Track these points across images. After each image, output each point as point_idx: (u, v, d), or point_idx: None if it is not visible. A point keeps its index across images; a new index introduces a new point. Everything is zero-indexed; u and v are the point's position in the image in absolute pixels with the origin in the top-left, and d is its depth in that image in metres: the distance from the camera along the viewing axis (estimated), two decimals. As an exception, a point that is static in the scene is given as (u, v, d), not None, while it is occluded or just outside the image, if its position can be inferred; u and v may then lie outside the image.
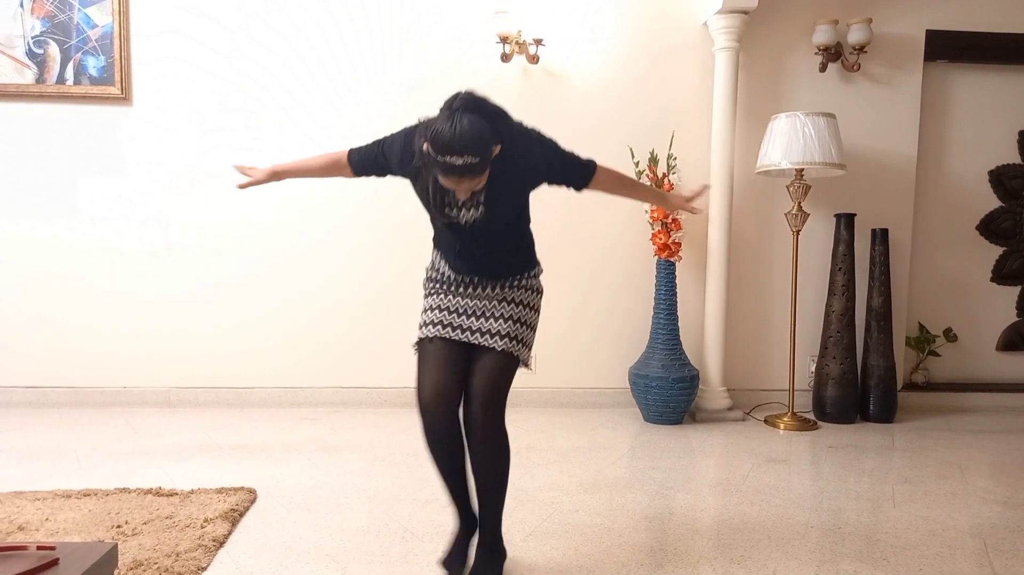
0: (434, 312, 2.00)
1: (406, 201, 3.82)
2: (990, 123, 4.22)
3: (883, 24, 3.93)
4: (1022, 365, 4.35)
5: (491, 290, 1.98)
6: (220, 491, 2.56)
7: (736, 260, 3.96)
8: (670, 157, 3.74)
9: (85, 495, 2.51)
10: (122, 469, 2.86)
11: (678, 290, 3.75)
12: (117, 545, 1.47)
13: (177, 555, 2.05)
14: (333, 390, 3.97)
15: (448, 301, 1.99)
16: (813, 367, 3.96)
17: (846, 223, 3.82)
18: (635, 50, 3.92)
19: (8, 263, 3.85)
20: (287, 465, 2.94)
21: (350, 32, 3.86)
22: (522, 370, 1.99)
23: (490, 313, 1.96)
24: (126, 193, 3.87)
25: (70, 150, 3.84)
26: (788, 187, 3.72)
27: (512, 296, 1.99)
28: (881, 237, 3.84)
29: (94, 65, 3.78)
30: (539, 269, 2.08)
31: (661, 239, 3.67)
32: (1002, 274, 4.32)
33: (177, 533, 2.20)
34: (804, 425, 3.66)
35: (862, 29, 3.80)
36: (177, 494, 2.53)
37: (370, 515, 2.42)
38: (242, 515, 2.39)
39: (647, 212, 3.73)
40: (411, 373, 4.05)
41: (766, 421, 3.75)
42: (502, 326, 1.95)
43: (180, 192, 3.88)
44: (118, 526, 2.25)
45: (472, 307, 1.97)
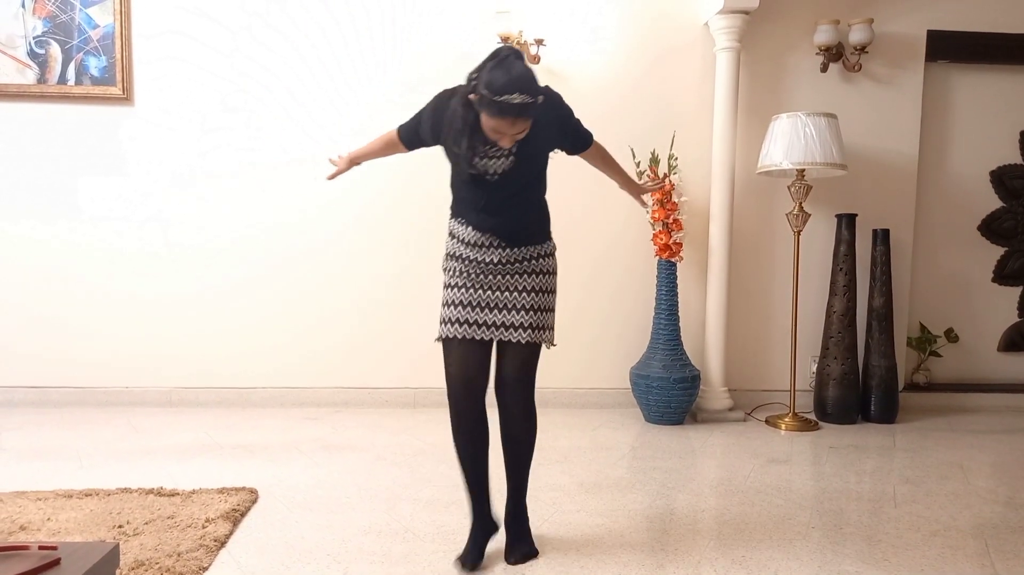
0: (456, 309, 2.04)
1: (408, 202, 3.89)
2: (991, 123, 4.21)
3: (884, 24, 3.93)
4: (1023, 365, 4.35)
5: (511, 263, 2.03)
6: (222, 491, 2.56)
7: (737, 260, 3.96)
8: (671, 157, 3.74)
9: (87, 495, 2.51)
10: (124, 469, 2.86)
11: (679, 290, 3.75)
12: (119, 545, 1.47)
13: (179, 555, 2.05)
14: (335, 390, 3.97)
15: (470, 295, 2.04)
16: (814, 367, 3.96)
17: (847, 223, 3.81)
18: (636, 50, 3.92)
19: (9, 263, 3.85)
20: (288, 465, 2.95)
21: (351, 32, 3.86)
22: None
23: (511, 304, 2.03)
24: (127, 193, 3.87)
25: (71, 150, 3.84)
26: (789, 187, 3.71)
27: (531, 283, 2.05)
28: (882, 237, 3.84)
29: (95, 65, 3.79)
30: (553, 245, 2.15)
31: (662, 239, 3.67)
32: (1003, 274, 4.32)
33: (179, 533, 2.20)
34: (805, 425, 3.65)
35: (863, 29, 3.80)
36: (179, 494, 2.53)
37: (371, 515, 2.42)
38: (244, 515, 2.39)
39: (648, 212, 3.73)
40: (412, 374, 4.09)
41: (767, 421, 3.75)
42: (524, 318, 2.03)
43: (181, 192, 3.88)
44: (120, 526, 2.25)
45: (494, 299, 2.03)
